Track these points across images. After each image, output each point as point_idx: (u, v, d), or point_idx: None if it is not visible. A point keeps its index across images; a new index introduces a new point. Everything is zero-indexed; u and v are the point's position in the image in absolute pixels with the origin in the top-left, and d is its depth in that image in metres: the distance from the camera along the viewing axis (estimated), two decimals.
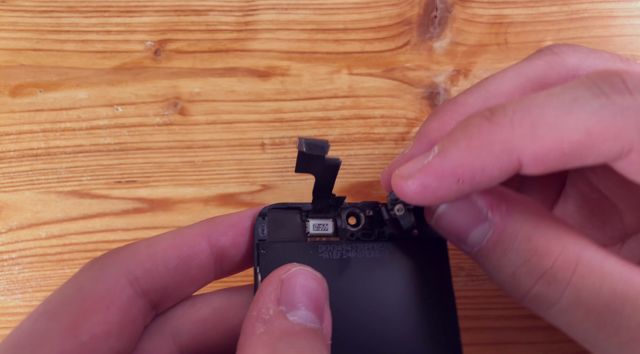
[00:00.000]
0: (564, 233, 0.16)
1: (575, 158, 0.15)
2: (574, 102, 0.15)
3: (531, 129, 0.15)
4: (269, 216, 0.19)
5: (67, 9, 0.32)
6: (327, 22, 0.32)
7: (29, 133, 0.30)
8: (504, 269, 0.16)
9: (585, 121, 0.14)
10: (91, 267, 0.17)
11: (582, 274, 0.15)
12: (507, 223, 0.16)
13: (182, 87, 0.31)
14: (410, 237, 0.19)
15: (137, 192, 0.30)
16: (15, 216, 0.30)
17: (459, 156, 0.15)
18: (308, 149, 0.16)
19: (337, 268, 0.19)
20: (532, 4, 0.32)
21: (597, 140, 0.14)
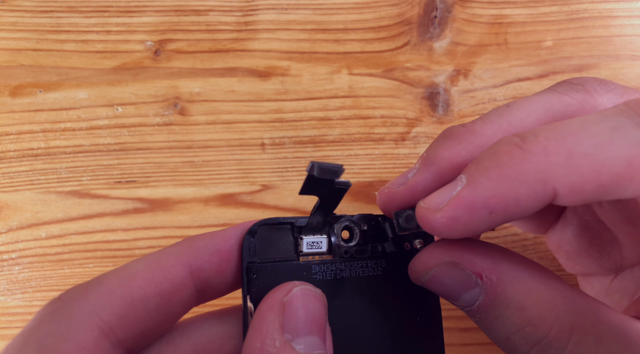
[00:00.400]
0: (558, 298, 0.15)
1: (612, 191, 0.14)
2: (614, 131, 0.14)
3: (568, 158, 0.14)
4: (258, 233, 0.17)
5: (67, 9, 0.32)
6: (327, 22, 0.32)
7: (29, 133, 0.30)
8: (498, 333, 0.16)
9: (626, 152, 0.14)
10: (53, 316, 0.14)
11: (578, 342, 0.15)
12: (498, 292, 0.16)
13: (182, 87, 0.31)
14: (403, 252, 0.19)
15: (137, 192, 0.30)
16: (15, 216, 0.30)
17: (491, 186, 0.14)
18: (320, 174, 0.15)
19: (331, 290, 0.18)
20: (532, 4, 0.32)
21: (638, 172, 0.14)
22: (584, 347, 0.15)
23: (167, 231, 0.29)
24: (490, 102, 0.31)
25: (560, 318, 0.15)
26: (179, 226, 0.29)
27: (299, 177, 0.30)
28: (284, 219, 0.18)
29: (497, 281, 0.16)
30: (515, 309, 0.15)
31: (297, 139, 0.30)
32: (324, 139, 0.30)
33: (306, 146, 0.30)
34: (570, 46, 0.31)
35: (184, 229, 0.29)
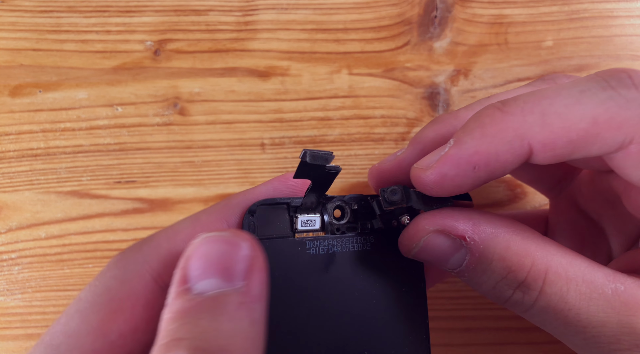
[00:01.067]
0: (533, 246, 0.18)
1: (581, 146, 0.16)
2: (582, 93, 0.16)
3: (541, 117, 0.16)
4: (257, 212, 0.19)
5: (66, 8, 0.32)
6: (327, 22, 0.32)
7: (29, 133, 0.30)
8: (485, 285, 0.18)
9: (592, 110, 0.15)
10: (116, 265, 0.18)
11: (551, 282, 0.17)
12: (481, 249, 0.18)
13: (182, 87, 0.31)
14: (390, 228, 0.20)
15: (136, 192, 0.30)
16: (14, 216, 0.30)
17: (474, 144, 0.16)
18: (312, 160, 0.17)
19: (324, 263, 0.19)
20: (532, 4, 0.32)
21: (602, 128, 0.15)
22: (556, 286, 0.17)
23: None
24: None
25: (536, 262, 0.17)
26: None
27: None
28: (280, 199, 0.19)
29: (479, 240, 0.18)
30: (498, 261, 0.18)
31: (297, 139, 0.30)
32: (324, 139, 0.30)
33: (306, 146, 0.30)
34: (571, 46, 0.31)
35: None
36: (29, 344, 0.28)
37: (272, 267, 0.18)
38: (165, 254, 0.18)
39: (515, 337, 0.28)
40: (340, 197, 0.20)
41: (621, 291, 0.17)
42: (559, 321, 0.17)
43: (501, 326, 0.28)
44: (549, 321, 0.17)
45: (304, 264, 0.19)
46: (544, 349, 0.28)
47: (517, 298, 0.18)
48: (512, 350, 0.28)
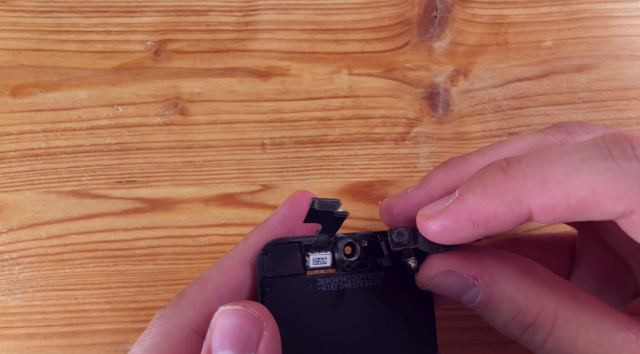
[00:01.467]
0: (543, 290, 0.18)
1: (581, 213, 0.16)
2: (583, 161, 0.16)
3: (541, 183, 0.16)
4: (270, 252, 0.20)
5: (67, 9, 0.32)
6: (327, 22, 0.32)
7: (30, 133, 0.30)
8: (496, 322, 0.19)
9: (591, 181, 0.16)
10: (159, 321, 0.20)
11: (560, 327, 0.17)
12: (492, 290, 0.19)
13: (183, 87, 0.31)
14: (400, 265, 0.21)
15: (137, 192, 0.30)
16: (15, 216, 0.30)
17: (475, 202, 0.17)
18: (320, 208, 0.17)
19: (335, 300, 0.20)
20: (532, 4, 0.32)
21: (601, 198, 0.16)
22: (565, 331, 0.17)
23: (168, 230, 0.29)
24: (490, 102, 0.31)
25: (545, 307, 0.18)
26: (180, 226, 0.30)
27: (299, 177, 0.30)
28: (293, 239, 0.20)
29: (491, 281, 0.19)
30: (508, 302, 0.18)
31: (297, 139, 0.30)
32: (324, 139, 0.30)
33: (306, 146, 0.30)
34: (570, 46, 0.31)
35: (184, 229, 0.30)
36: (30, 344, 0.28)
37: (284, 304, 0.19)
38: (199, 306, 0.19)
39: None
40: (350, 235, 0.21)
41: (631, 341, 0.17)
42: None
43: None
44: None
45: (315, 301, 0.20)
46: None
47: (527, 338, 0.18)
48: (512, 350, 0.29)
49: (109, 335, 0.29)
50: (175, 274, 0.29)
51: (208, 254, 0.29)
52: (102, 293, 0.29)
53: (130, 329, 0.29)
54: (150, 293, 0.29)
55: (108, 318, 0.29)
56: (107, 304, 0.29)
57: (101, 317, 0.29)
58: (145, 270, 0.29)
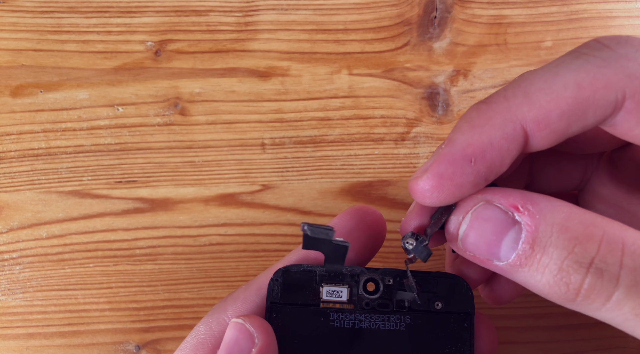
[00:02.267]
0: (599, 218, 0.15)
1: (575, 115, 0.15)
2: (558, 66, 0.16)
3: (526, 96, 0.15)
4: (284, 277, 0.19)
5: (67, 9, 0.32)
6: (327, 23, 0.32)
7: (30, 133, 0.30)
8: (548, 269, 0.15)
9: (573, 77, 0.15)
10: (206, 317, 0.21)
11: (632, 253, 0.14)
12: (538, 219, 0.15)
13: (183, 88, 0.31)
14: (431, 310, 0.19)
15: (137, 192, 0.30)
16: (16, 216, 0.30)
17: (465, 137, 0.16)
18: (313, 234, 0.17)
19: (348, 338, 0.18)
20: (531, 4, 0.32)
21: (589, 92, 0.15)
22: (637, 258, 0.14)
23: (168, 230, 0.30)
24: None
25: (608, 231, 0.14)
26: (180, 226, 0.30)
27: (299, 177, 0.30)
28: (307, 266, 0.19)
29: (534, 210, 0.15)
30: (561, 231, 0.14)
31: (297, 139, 0.31)
32: (324, 139, 0.31)
33: (306, 146, 0.30)
34: (570, 46, 0.32)
35: (184, 228, 0.30)
36: (30, 344, 0.29)
37: (291, 334, 0.18)
38: (240, 303, 0.20)
39: (515, 337, 0.28)
40: (374, 270, 0.19)
41: None
42: None
43: (501, 325, 0.29)
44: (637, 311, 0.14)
45: (325, 337, 0.18)
46: (544, 348, 0.28)
47: (594, 281, 0.14)
48: (512, 350, 0.29)
49: (109, 335, 0.29)
50: (175, 274, 0.29)
51: (208, 254, 0.29)
52: (103, 292, 0.29)
53: (130, 329, 0.29)
54: (150, 292, 0.29)
55: (108, 317, 0.29)
56: (108, 304, 0.29)
57: (101, 317, 0.29)
58: (146, 270, 0.29)
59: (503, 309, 0.28)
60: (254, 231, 0.30)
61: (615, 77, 0.15)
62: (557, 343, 0.28)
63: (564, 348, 0.28)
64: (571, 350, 0.28)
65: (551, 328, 0.28)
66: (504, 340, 0.28)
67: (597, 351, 0.28)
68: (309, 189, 0.30)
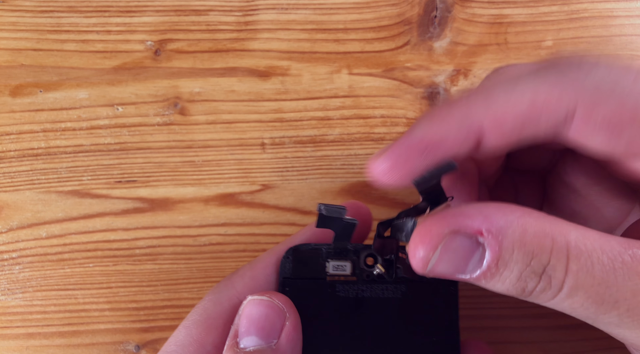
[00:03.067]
0: (548, 225, 0.17)
1: (529, 121, 0.17)
2: (519, 78, 0.17)
3: (485, 100, 0.17)
4: (294, 255, 0.21)
5: (67, 8, 0.32)
6: (327, 22, 0.32)
7: (29, 133, 0.30)
8: (509, 280, 0.17)
9: (529, 91, 0.17)
10: (212, 291, 0.21)
11: (574, 258, 0.16)
12: (500, 241, 0.17)
13: (182, 87, 0.31)
14: (423, 280, 0.21)
15: (137, 191, 0.30)
16: (15, 216, 0.30)
17: (422, 130, 0.17)
18: (327, 213, 0.19)
19: (353, 306, 0.21)
20: (532, 4, 0.32)
21: (541, 105, 0.16)
22: (580, 261, 0.16)
23: (168, 230, 0.30)
24: None
25: (556, 240, 0.16)
26: (180, 226, 0.30)
27: (299, 177, 0.30)
28: (314, 245, 0.22)
29: (496, 231, 0.17)
30: (520, 248, 0.16)
31: (297, 139, 0.30)
32: (324, 139, 0.31)
33: (306, 145, 0.30)
34: (570, 46, 0.31)
35: (184, 228, 0.30)
36: (30, 343, 0.28)
37: (302, 304, 0.20)
38: (248, 280, 0.21)
39: (515, 337, 0.28)
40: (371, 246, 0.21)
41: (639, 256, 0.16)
42: (591, 300, 0.16)
43: (501, 325, 0.29)
44: (580, 302, 0.16)
45: (333, 305, 0.21)
46: (544, 348, 0.28)
47: (544, 284, 0.17)
48: (512, 350, 0.29)
49: (109, 335, 0.29)
50: (175, 274, 0.29)
51: (208, 254, 0.29)
52: (102, 292, 0.29)
53: (130, 328, 0.29)
54: (150, 292, 0.29)
55: (108, 317, 0.29)
56: (107, 304, 0.29)
57: (101, 317, 0.29)
58: (145, 270, 0.29)
59: (503, 309, 0.28)
60: (254, 230, 0.30)
61: (566, 92, 0.16)
62: (557, 343, 0.28)
63: (564, 348, 0.28)
64: (571, 350, 0.28)
65: (551, 328, 0.28)
66: (504, 340, 0.28)
67: (597, 351, 0.28)
68: (309, 188, 0.30)
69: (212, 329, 0.20)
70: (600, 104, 0.16)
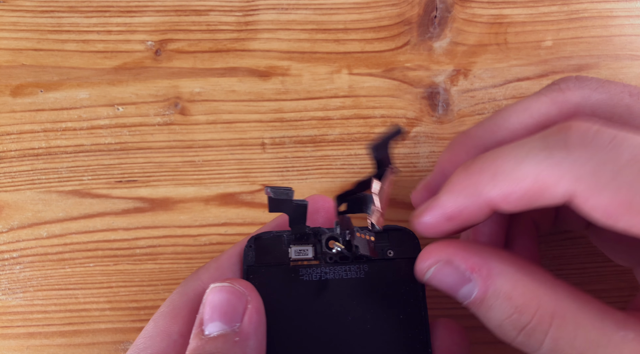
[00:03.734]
0: (541, 288, 0.18)
1: (533, 199, 0.18)
2: (527, 154, 0.18)
3: (493, 176, 0.18)
4: (256, 243, 0.22)
5: (67, 8, 0.32)
6: (327, 22, 0.32)
7: (30, 133, 0.30)
8: (491, 321, 0.19)
9: (531, 171, 0.17)
10: (180, 284, 0.22)
11: (558, 327, 0.17)
12: (488, 285, 0.18)
13: (183, 87, 0.31)
14: (385, 258, 0.22)
15: (137, 191, 0.30)
16: (16, 216, 0.30)
17: (444, 199, 0.19)
18: (275, 195, 0.19)
19: (316, 289, 0.21)
20: (532, 4, 0.32)
21: (542, 186, 0.17)
22: (564, 331, 0.17)
23: (168, 230, 0.30)
24: (490, 101, 0.31)
25: (542, 305, 0.18)
26: (180, 226, 0.30)
27: (299, 176, 0.30)
28: (276, 232, 0.22)
29: (487, 275, 0.19)
30: (504, 299, 0.18)
31: (298, 139, 0.31)
32: (324, 139, 0.31)
33: (306, 145, 0.30)
34: (570, 46, 0.32)
35: (184, 228, 0.30)
36: (30, 343, 0.29)
37: (267, 291, 0.20)
38: (213, 271, 0.22)
39: None
40: (331, 229, 0.22)
41: (630, 339, 0.17)
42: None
43: None
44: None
45: (297, 290, 0.21)
46: None
47: (523, 339, 0.18)
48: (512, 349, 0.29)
49: (110, 334, 0.29)
50: (175, 274, 0.29)
51: (208, 254, 0.29)
52: (103, 292, 0.29)
53: (130, 328, 0.29)
54: (150, 292, 0.29)
55: (109, 317, 0.29)
56: (108, 304, 0.29)
57: (102, 316, 0.29)
58: (146, 269, 0.29)
59: None
60: (254, 230, 0.30)
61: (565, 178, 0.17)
62: None
63: None
64: None
65: None
66: None
67: None
68: (309, 188, 0.30)
69: (178, 319, 0.21)
70: (597, 194, 0.16)
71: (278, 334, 0.20)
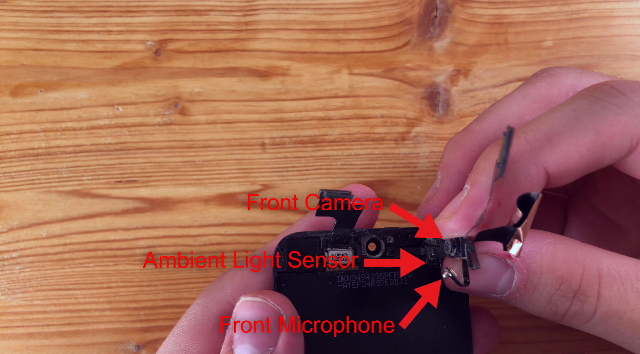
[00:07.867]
0: (579, 252, 0.17)
1: (593, 158, 0.16)
2: (576, 110, 0.17)
3: (547, 140, 0.16)
4: (288, 246, 0.19)
5: (67, 8, 0.32)
6: (328, 22, 0.32)
7: (30, 133, 0.30)
8: (539, 302, 0.18)
9: (592, 123, 0.16)
10: (201, 295, 0.21)
11: (607, 285, 0.17)
12: (528, 264, 0.17)
13: (183, 87, 0.31)
14: (430, 265, 0.20)
15: (137, 191, 0.30)
16: (16, 216, 0.30)
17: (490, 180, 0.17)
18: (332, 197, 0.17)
19: (356, 298, 0.19)
20: (532, 4, 0.32)
21: (607, 137, 0.16)
22: (613, 288, 0.17)
23: (168, 230, 0.30)
24: (490, 102, 0.31)
25: (587, 267, 0.17)
26: (180, 226, 0.30)
27: (299, 177, 0.30)
28: (311, 233, 0.19)
29: (524, 255, 0.17)
30: (548, 273, 0.17)
31: (298, 139, 0.30)
32: (324, 139, 0.31)
33: (306, 145, 0.30)
34: (570, 46, 0.32)
35: (184, 228, 0.30)
36: (30, 343, 0.29)
37: (301, 301, 0.19)
38: (238, 281, 0.20)
39: (515, 336, 0.28)
40: (374, 231, 0.20)
41: None
42: (625, 325, 0.17)
43: (502, 325, 0.28)
44: (614, 327, 0.17)
45: (335, 299, 0.19)
46: (544, 348, 0.28)
47: (576, 308, 0.17)
48: (512, 349, 0.29)
49: (109, 334, 0.29)
50: (175, 274, 0.29)
51: (208, 254, 0.29)
52: (103, 292, 0.29)
53: (130, 328, 0.29)
54: (150, 292, 0.29)
55: (108, 317, 0.29)
56: (108, 304, 0.29)
57: (101, 316, 0.29)
58: (146, 270, 0.29)
59: (503, 309, 0.28)
60: (254, 230, 0.30)
61: (631, 124, 0.16)
62: (557, 343, 0.28)
63: (564, 348, 0.28)
64: (571, 350, 0.28)
65: (551, 328, 0.28)
66: (504, 340, 0.28)
67: (597, 351, 0.28)
68: (309, 188, 0.30)
69: (200, 337, 0.19)
70: None
71: (315, 351, 0.18)
